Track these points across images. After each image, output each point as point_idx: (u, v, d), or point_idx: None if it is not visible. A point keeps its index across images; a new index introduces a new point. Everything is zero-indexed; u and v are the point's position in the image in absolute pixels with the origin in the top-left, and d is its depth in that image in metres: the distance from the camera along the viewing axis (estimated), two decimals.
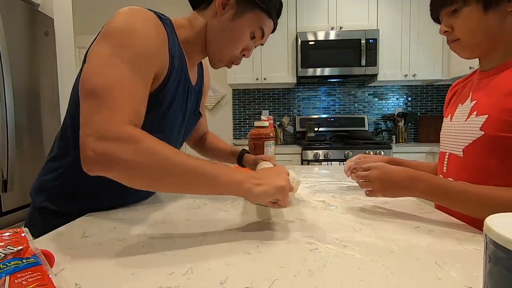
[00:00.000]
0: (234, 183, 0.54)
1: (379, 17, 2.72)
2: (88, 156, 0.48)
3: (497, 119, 0.63)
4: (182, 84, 0.71)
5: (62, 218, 0.66)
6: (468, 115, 0.71)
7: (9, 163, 1.46)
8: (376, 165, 0.68)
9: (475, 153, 0.67)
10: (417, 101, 3.10)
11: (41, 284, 0.33)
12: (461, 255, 0.46)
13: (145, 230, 0.59)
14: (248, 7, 0.70)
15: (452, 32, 0.70)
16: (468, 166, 0.69)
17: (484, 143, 0.65)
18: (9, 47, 1.48)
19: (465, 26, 0.68)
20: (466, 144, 0.70)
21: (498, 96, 0.65)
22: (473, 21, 0.66)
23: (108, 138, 0.49)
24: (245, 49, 0.76)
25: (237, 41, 0.72)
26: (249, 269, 0.42)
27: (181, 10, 1.49)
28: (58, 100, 1.88)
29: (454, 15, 0.69)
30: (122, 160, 0.48)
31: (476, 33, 0.67)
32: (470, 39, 0.69)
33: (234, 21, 0.70)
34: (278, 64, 2.80)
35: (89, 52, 0.58)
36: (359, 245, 0.49)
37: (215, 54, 0.75)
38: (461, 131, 0.72)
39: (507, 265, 0.24)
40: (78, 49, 2.98)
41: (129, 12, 0.59)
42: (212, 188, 0.54)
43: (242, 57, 0.77)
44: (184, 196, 0.85)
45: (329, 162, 2.46)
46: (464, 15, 0.67)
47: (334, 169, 1.35)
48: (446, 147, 0.78)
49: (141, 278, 0.40)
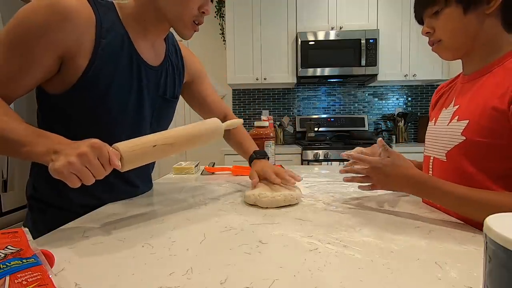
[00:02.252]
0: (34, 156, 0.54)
1: (379, 17, 2.72)
2: None
3: (477, 125, 0.64)
4: (126, 63, 0.71)
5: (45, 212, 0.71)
6: (450, 119, 0.72)
7: (9, 163, 1.46)
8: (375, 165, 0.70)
9: (457, 158, 0.68)
10: (417, 101, 3.10)
11: (41, 284, 0.33)
12: (461, 255, 0.46)
13: (145, 230, 0.59)
14: None
15: (434, 33, 0.72)
16: (451, 171, 0.70)
17: (465, 148, 0.66)
18: None
19: (446, 27, 0.69)
20: (448, 149, 0.70)
21: (478, 102, 0.65)
22: (454, 22, 0.67)
23: None
24: (202, 6, 0.73)
25: (187, 1, 0.70)
26: (249, 269, 0.42)
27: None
28: None
29: (435, 16, 0.70)
30: None
31: (456, 34, 0.68)
32: (451, 41, 0.70)
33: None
34: (278, 64, 2.80)
35: None
36: (359, 245, 0.49)
37: (176, 22, 0.73)
38: (444, 135, 0.73)
39: (507, 265, 0.24)
40: None
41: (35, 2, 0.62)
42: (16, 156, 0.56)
43: (203, 14, 0.74)
44: (184, 196, 0.85)
45: (329, 162, 2.46)
46: (445, 16, 0.68)
47: (334, 169, 1.35)
48: (430, 151, 0.79)
49: (141, 278, 0.40)
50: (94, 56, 0.66)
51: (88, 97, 0.67)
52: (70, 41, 0.63)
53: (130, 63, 0.72)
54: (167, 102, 0.86)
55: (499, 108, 0.60)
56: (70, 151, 0.50)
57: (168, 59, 0.84)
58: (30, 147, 0.54)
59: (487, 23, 0.66)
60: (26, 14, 0.60)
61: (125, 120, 0.74)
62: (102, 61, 0.67)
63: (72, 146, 0.52)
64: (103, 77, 0.67)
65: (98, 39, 0.66)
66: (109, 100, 0.70)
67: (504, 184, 0.61)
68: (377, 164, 0.69)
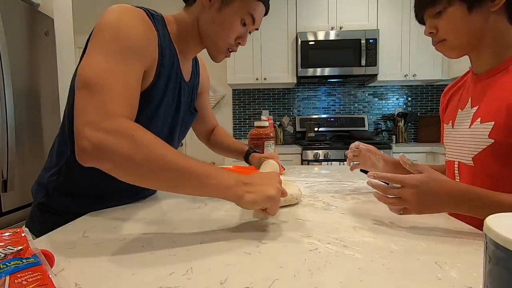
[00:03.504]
0: (223, 187, 0.53)
1: (379, 17, 2.72)
2: (83, 146, 0.48)
3: (504, 126, 0.62)
4: (174, 80, 0.72)
5: (60, 216, 0.67)
6: (472, 121, 0.70)
7: (9, 163, 1.46)
8: (412, 183, 0.56)
9: (486, 162, 0.66)
10: (417, 101, 3.10)
11: (41, 284, 0.33)
12: (461, 255, 0.46)
13: (145, 230, 0.59)
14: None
15: (437, 33, 0.70)
16: (481, 175, 0.68)
17: (495, 151, 0.64)
18: (9, 47, 1.48)
19: (450, 26, 0.67)
20: (475, 153, 0.68)
21: (500, 102, 0.64)
22: (457, 21, 0.66)
23: (104, 129, 0.49)
24: (239, 37, 0.75)
25: (229, 31, 0.72)
26: (249, 269, 0.42)
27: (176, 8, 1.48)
28: (58, 100, 1.88)
29: (438, 16, 0.68)
30: (116, 153, 0.48)
31: (460, 33, 0.67)
32: (455, 40, 0.68)
33: (221, 11, 0.70)
34: (278, 64, 2.80)
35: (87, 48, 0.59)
36: (359, 245, 0.49)
37: (212, 47, 0.75)
38: (467, 139, 0.71)
39: (507, 265, 0.24)
40: (78, 49, 2.97)
41: (117, 9, 0.60)
42: (202, 190, 0.54)
43: (238, 44, 0.76)
44: (184, 196, 0.85)
45: (329, 162, 2.46)
46: (448, 15, 0.67)
47: (334, 169, 1.35)
48: (453, 156, 0.76)
49: (141, 278, 0.40)
50: (158, 72, 0.65)
51: (141, 112, 0.65)
52: (153, 54, 0.64)
53: (175, 81, 0.72)
54: (192, 115, 0.88)
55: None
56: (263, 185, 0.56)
57: (196, 75, 0.86)
58: (217, 179, 0.53)
59: (493, 20, 0.65)
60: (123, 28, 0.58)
61: (162, 133, 0.75)
62: (160, 79, 0.67)
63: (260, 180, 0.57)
64: (157, 94, 0.67)
65: (160, 56, 0.66)
66: (157, 118, 0.70)
67: None
68: (413, 182, 0.56)
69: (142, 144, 0.49)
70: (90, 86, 0.52)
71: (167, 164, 0.50)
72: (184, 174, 0.51)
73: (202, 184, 0.52)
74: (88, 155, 0.49)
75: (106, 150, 0.48)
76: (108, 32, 0.57)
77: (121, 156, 0.48)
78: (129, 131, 0.50)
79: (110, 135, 0.48)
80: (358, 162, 0.94)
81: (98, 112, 0.50)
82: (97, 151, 0.48)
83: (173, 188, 0.53)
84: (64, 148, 0.70)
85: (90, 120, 0.49)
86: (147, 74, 0.64)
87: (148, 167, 0.49)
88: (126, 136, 0.49)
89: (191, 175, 0.51)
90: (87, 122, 0.49)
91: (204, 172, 0.52)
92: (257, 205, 0.55)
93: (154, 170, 0.50)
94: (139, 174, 0.51)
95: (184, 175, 0.51)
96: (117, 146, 0.48)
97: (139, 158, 0.49)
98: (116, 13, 0.59)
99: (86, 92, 0.52)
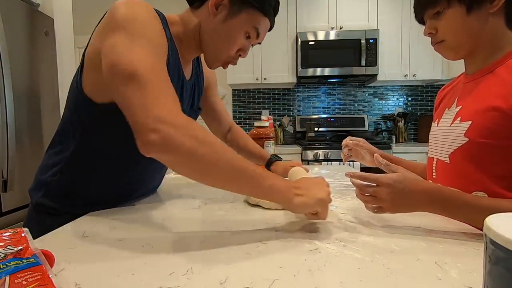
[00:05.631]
0: (276, 189, 0.55)
1: (379, 17, 2.72)
2: (149, 138, 0.49)
3: (480, 126, 0.63)
4: (176, 79, 0.71)
5: (58, 217, 0.67)
6: (453, 120, 0.72)
7: (9, 163, 1.46)
8: (386, 182, 0.58)
9: (460, 160, 0.67)
10: (417, 101, 3.10)
11: (41, 284, 0.33)
12: (461, 255, 0.46)
13: (145, 230, 0.59)
14: (241, 7, 0.69)
15: (436, 34, 0.71)
16: (454, 173, 0.69)
17: (468, 150, 0.65)
18: (9, 47, 1.48)
19: (449, 27, 0.68)
20: (451, 150, 0.70)
21: (481, 103, 0.65)
22: (456, 22, 0.67)
23: (169, 122, 0.49)
24: (241, 50, 0.75)
25: (232, 42, 0.72)
26: (249, 269, 0.42)
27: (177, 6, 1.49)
28: (58, 100, 1.88)
29: (437, 16, 0.69)
30: (183, 146, 0.49)
31: (459, 34, 0.68)
32: (454, 41, 0.69)
33: (227, 22, 0.69)
34: (278, 64, 2.80)
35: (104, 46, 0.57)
36: (359, 245, 0.49)
37: (210, 54, 0.75)
38: (446, 136, 0.72)
39: (507, 265, 0.24)
40: (78, 49, 2.97)
41: (129, 2, 0.59)
42: (254, 190, 0.56)
43: (239, 57, 0.76)
44: (184, 196, 0.85)
45: (329, 162, 2.46)
46: (447, 16, 0.67)
47: (334, 169, 1.35)
48: (433, 153, 0.78)
49: (141, 278, 0.40)
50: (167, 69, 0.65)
51: None
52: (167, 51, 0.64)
53: (178, 80, 0.72)
54: (195, 113, 0.88)
55: (502, 108, 0.60)
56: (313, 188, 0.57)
57: (195, 71, 0.86)
58: (272, 182, 0.55)
59: (491, 22, 0.65)
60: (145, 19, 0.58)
61: None
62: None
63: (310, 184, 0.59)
64: None
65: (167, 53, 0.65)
66: None
67: (507, 186, 0.61)
68: (387, 181, 0.57)
69: (206, 141, 0.51)
70: (138, 81, 0.51)
71: (225, 161, 0.52)
72: (242, 173, 0.53)
73: (258, 184, 0.54)
74: (155, 147, 0.49)
75: (174, 142, 0.49)
76: (131, 25, 0.56)
77: (187, 150, 0.49)
78: (190, 125, 0.51)
79: (177, 128, 0.49)
80: (351, 154, 1.05)
81: (158, 106, 0.50)
82: (166, 143, 0.49)
83: (227, 185, 0.55)
84: (64, 147, 0.70)
85: (154, 113, 0.49)
86: None
87: (210, 163, 0.51)
88: (192, 131, 0.50)
89: (248, 175, 0.53)
90: (151, 115, 0.49)
91: (261, 174, 0.54)
92: (308, 208, 0.56)
93: (213, 166, 0.51)
94: (199, 169, 0.52)
95: (242, 174, 0.53)
96: (184, 140, 0.49)
97: (202, 153, 0.50)
98: (130, 6, 0.58)
99: (135, 86, 0.51)
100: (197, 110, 0.88)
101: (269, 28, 0.76)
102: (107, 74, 0.54)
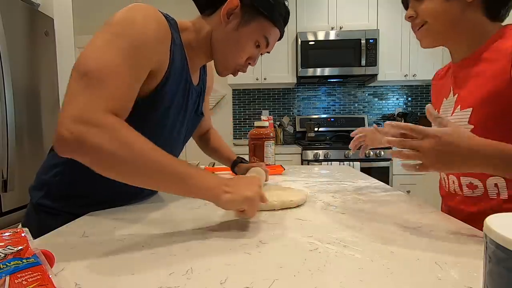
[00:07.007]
0: (203, 188, 0.54)
1: (379, 17, 2.72)
2: (62, 135, 0.47)
3: (481, 111, 0.65)
4: (183, 85, 0.72)
5: (57, 217, 0.67)
6: (453, 109, 0.73)
7: (9, 163, 1.46)
8: (433, 134, 0.51)
9: None
10: (417, 101, 3.10)
11: (41, 284, 0.33)
12: (461, 255, 0.46)
13: (145, 230, 0.59)
14: (253, 17, 0.70)
15: (416, 18, 0.73)
16: None
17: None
18: (9, 47, 1.48)
19: (428, 11, 0.70)
20: None
21: (476, 89, 0.67)
22: (436, 6, 0.69)
23: (87, 122, 0.48)
24: (250, 58, 0.76)
25: (242, 50, 0.73)
26: (249, 269, 0.42)
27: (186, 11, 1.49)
28: (58, 100, 1.88)
29: (419, 1, 0.72)
30: (96, 147, 0.47)
31: (438, 19, 0.70)
32: (434, 23, 0.71)
33: (238, 30, 0.70)
34: (278, 64, 2.80)
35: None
36: (359, 245, 0.49)
37: (220, 62, 0.75)
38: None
39: (507, 265, 0.24)
40: (78, 49, 2.97)
41: (133, 6, 0.60)
42: (182, 189, 0.55)
43: (248, 65, 0.77)
44: (184, 196, 0.85)
45: (329, 162, 2.46)
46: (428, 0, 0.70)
47: (334, 169, 1.35)
48: None
49: (141, 278, 0.40)
50: (167, 75, 0.65)
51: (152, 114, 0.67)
52: (163, 55, 0.64)
53: (185, 85, 0.72)
54: (199, 118, 0.88)
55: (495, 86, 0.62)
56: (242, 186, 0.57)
57: (202, 77, 0.86)
58: (198, 180, 0.54)
59: (469, 11, 0.68)
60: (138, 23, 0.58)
61: (171, 135, 0.75)
62: (170, 81, 0.66)
63: (240, 182, 0.59)
64: (167, 96, 0.67)
65: (171, 58, 0.65)
66: (167, 120, 0.71)
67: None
68: (434, 132, 0.51)
69: (125, 141, 0.49)
70: (89, 78, 0.51)
71: (147, 162, 0.50)
72: (165, 174, 0.52)
73: (183, 184, 0.53)
74: (66, 146, 0.48)
75: (86, 143, 0.47)
76: (119, 26, 0.56)
77: (100, 151, 0.48)
78: (112, 126, 0.49)
79: (92, 127, 0.48)
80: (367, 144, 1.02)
81: (87, 105, 0.49)
82: (76, 142, 0.47)
83: (154, 186, 0.55)
84: None
85: (76, 111, 0.48)
86: (155, 74, 0.63)
87: (128, 164, 0.49)
88: (108, 131, 0.48)
89: (171, 175, 0.52)
90: (73, 113, 0.48)
91: (186, 172, 0.53)
92: (235, 205, 0.56)
93: (134, 168, 0.50)
94: (120, 171, 0.51)
95: (164, 175, 0.52)
96: (98, 140, 0.47)
97: (120, 155, 0.48)
98: (131, 9, 0.59)
99: (82, 82, 0.51)
100: (200, 115, 0.88)
101: (278, 38, 0.78)
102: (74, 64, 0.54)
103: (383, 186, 0.95)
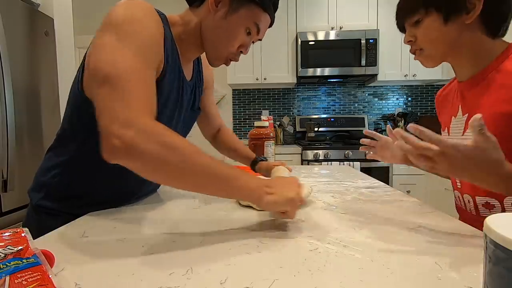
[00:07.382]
0: (247, 189, 0.55)
1: (379, 17, 2.72)
2: (112, 144, 0.48)
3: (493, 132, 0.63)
4: (177, 79, 0.71)
5: (57, 218, 0.67)
6: (464, 129, 0.72)
7: (9, 163, 1.46)
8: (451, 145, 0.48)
9: None
10: (417, 101, 3.10)
11: (41, 284, 0.33)
12: (461, 255, 0.46)
13: (145, 230, 0.59)
14: (241, 3, 0.69)
15: (416, 42, 0.72)
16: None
17: None
18: (9, 47, 1.48)
19: (427, 36, 0.69)
20: None
21: (484, 110, 0.65)
22: (434, 31, 0.68)
23: (133, 126, 0.48)
24: (242, 46, 0.75)
25: (233, 38, 0.72)
26: (249, 269, 0.42)
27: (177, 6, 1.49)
28: (58, 100, 1.88)
29: (416, 25, 0.70)
30: (147, 153, 0.48)
31: (436, 43, 0.69)
32: (432, 50, 0.70)
33: (227, 18, 0.69)
34: (278, 64, 2.80)
35: (93, 43, 0.57)
36: (359, 245, 0.49)
37: (212, 52, 0.75)
38: None
39: (507, 265, 0.24)
40: (78, 49, 2.98)
41: (129, 3, 0.59)
42: (226, 191, 0.56)
43: (240, 53, 0.76)
44: (184, 196, 0.85)
45: (329, 162, 2.46)
46: (426, 25, 0.69)
47: (334, 169, 1.35)
48: None
49: (141, 278, 0.40)
50: (164, 71, 0.65)
51: None
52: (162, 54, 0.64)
53: (178, 80, 0.72)
54: (194, 113, 0.88)
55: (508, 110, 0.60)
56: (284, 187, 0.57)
57: (198, 74, 0.86)
58: (242, 181, 0.55)
59: (468, 32, 0.66)
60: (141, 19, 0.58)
61: None
62: (166, 76, 0.66)
63: (281, 183, 0.59)
64: (164, 91, 0.67)
65: (166, 54, 0.65)
66: (163, 116, 0.70)
67: None
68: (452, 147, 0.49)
69: (172, 145, 0.50)
70: (112, 83, 0.51)
71: (194, 166, 0.51)
72: (212, 175, 0.52)
73: (227, 186, 0.54)
74: (117, 153, 0.48)
75: (137, 149, 0.48)
76: (123, 26, 0.56)
77: (151, 156, 0.48)
78: (158, 130, 0.50)
79: (140, 133, 0.48)
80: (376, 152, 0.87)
81: (125, 110, 0.49)
82: (129, 149, 0.48)
83: (200, 188, 0.55)
84: (65, 149, 0.70)
85: (119, 118, 0.48)
86: (156, 71, 0.63)
87: (178, 168, 0.50)
88: (155, 135, 0.49)
89: (218, 176, 0.53)
90: (116, 120, 0.48)
91: (230, 174, 0.54)
92: (278, 207, 0.56)
93: (182, 171, 0.51)
94: (168, 175, 0.51)
95: (211, 176, 0.52)
96: (148, 145, 0.48)
97: (169, 159, 0.49)
98: (129, 6, 0.58)
99: (108, 89, 0.51)
100: (196, 110, 0.88)
101: (269, 24, 0.76)
102: (88, 74, 0.54)
103: (383, 186, 0.95)
